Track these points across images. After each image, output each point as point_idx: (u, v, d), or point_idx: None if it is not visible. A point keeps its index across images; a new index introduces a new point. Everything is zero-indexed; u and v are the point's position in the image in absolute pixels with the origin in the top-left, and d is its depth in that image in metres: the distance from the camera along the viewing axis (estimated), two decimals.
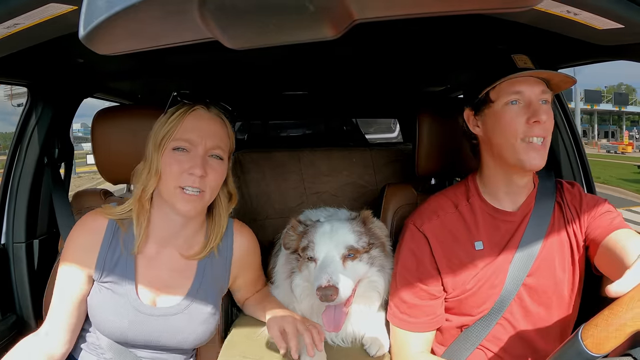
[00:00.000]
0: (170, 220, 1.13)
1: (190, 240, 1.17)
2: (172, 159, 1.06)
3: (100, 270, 1.09)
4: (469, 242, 1.14)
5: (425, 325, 1.14)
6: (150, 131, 1.11)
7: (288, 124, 4.28)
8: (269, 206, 2.06)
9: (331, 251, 1.10)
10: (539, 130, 1.04)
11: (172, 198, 1.06)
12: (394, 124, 4.60)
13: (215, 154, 1.09)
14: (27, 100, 1.48)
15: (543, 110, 1.04)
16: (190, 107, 1.10)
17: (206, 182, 1.07)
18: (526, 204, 1.15)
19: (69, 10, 0.74)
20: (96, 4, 0.37)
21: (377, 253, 1.17)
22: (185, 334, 1.11)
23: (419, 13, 0.36)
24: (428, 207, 1.20)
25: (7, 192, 1.46)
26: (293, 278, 1.20)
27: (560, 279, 1.12)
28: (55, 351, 1.09)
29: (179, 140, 1.07)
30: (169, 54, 1.40)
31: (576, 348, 0.66)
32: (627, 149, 29.49)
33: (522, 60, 1.06)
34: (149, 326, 1.09)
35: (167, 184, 1.06)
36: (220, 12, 0.35)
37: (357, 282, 1.13)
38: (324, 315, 1.07)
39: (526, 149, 1.05)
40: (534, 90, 1.05)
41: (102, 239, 1.11)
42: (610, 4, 0.76)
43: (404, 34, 1.36)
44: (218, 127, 1.12)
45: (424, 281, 1.14)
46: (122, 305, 1.08)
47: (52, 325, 1.09)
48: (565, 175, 1.54)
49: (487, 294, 1.12)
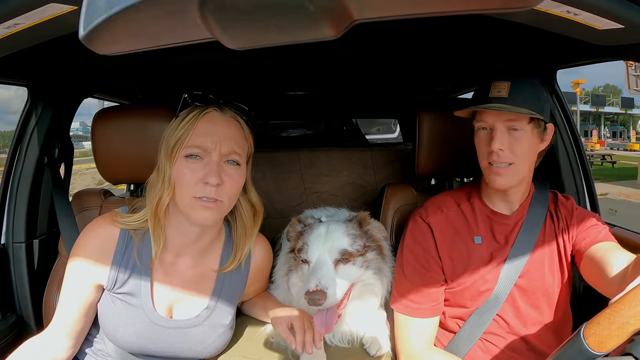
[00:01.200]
0: (185, 230, 1.07)
1: (206, 249, 1.12)
2: (185, 167, 0.99)
3: (113, 281, 1.05)
4: (469, 236, 1.22)
5: (428, 311, 1.20)
6: (161, 138, 1.05)
7: (288, 124, 4.28)
8: (269, 206, 2.05)
9: (323, 255, 1.09)
10: (496, 157, 1.12)
11: (188, 209, 1.00)
12: (394, 124, 4.60)
13: (232, 160, 1.03)
14: (27, 100, 1.48)
15: (503, 139, 1.12)
16: (202, 109, 1.03)
17: (223, 191, 1.00)
18: (520, 210, 1.23)
19: (69, 10, 0.74)
20: (96, 4, 0.37)
21: (373, 256, 1.16)
22: (205, 345, 1.08)
23: (419, 13, 0.36)
24: (432, 203, 1.30)
25: (7, 192, 1.45)
26: (290, 276, 1.20)
27: (550, 283, 1.19)
28: (60, 355, 1.07)
29: (191, 147, 1.00)
30: (169, 54, 1.40)
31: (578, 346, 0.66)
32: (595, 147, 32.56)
33: (497, 89, 1.13)
34: (166, 338, 1.06)
35: (182, 195, 1.00)
36: (221, 12, 0.35)
37: (352, 284, 1.12)
38: (316, 316, 1.07)
39: (489, 172, 1.16)
40: (499, 119, 1.13)
41: (114, 248, 1.05)
42: (610, 4, 0.75)
43: (404, 34, 1.36)
44: (233, 130, 1.04)
45: (429, 267, 1.22)
46: (137, 316, 1.04)
47: (57, 329, 1.06)
48: (565, 177, 1.54)
49: (480, 290, 1.19)
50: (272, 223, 1.97)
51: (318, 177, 2.10)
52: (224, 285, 1.13)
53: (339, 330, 1.19)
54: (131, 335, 1.04)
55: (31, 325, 1.41)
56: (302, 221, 1.24)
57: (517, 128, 1.13)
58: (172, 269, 1.09)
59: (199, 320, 1.08)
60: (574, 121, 1.59)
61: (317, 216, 1.28)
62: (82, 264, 1.05)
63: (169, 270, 1.08)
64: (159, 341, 1.05)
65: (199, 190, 0.98)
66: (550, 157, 1.53)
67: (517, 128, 1.13)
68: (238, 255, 1.13)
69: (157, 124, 1.30)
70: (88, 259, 1.05)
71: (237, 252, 1.13)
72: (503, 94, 1.12)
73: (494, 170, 1.14)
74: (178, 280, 1.09)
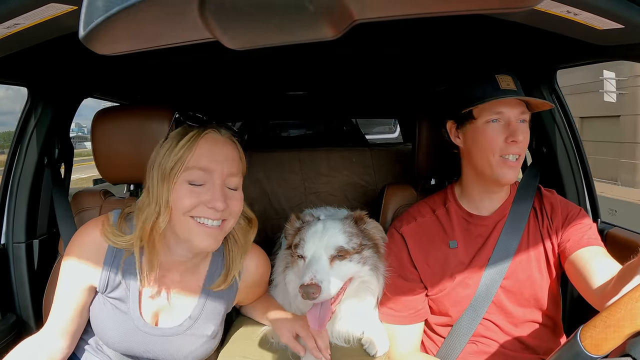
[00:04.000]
0: (177, 252, 1.06)
1: (194, 266, 1.12)
2: (187, 191, 0.96)
3: (104, 285, 1.06)
4: (444, 242, 1.23)
5: (407, 319, 1.22)
6: (151, 161, 1.02)
7: (288, 124, 4.29)
8: (269, 206, 2.06)
9: (319, 250, 1.10)
10: (515, 148, 1.12)
11: (187, 233, 0.97)
12: (394, 124, 4.60)
13: (233, 186, 1.01)
14: (27, 101, 1.48)
15: (521, 130, 1.12)
16: (201, 130, 1.00)
17: (228, 212, 0.99)
18: (501, 209, 1.22)
19: (69, 10, 0.74)
20: (96, 4, 0.37)
21: (369, 254, 1.16)
22: (185, 353, 1.09)
23: (419, 13, 0.36)
24: (408, 213, 1.31)
25: (7, 192, 1.45)
26: (287, 273, 1.21)
27: (538, 281, 1.18)
28: (56, 354, 1.08)
29: (194, 168, 0.96)
30: (170, 54, 1.40)
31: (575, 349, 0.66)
32: None
33: (506, 81, 1.13)
34: (149, 344, 1.08)
35: (177, 216, 0.97)
36: (221, 12, 0.35)
37: (348, 281, 1.13)
38: (309, 312, 1.07)
39: (502, 165, 1.13)
40: (514, 111, 1.13)
41: (105, 253, 1.05)
42: (610, 4, 0.75)
43: (404, 34, 1.36)
44: (233, 152, 1.03)
45: (405, 277, 1.23)
46: (124, 321, 1.06)
47: (53, 329, 1.08)
48: (565, 177, 1.54)
49: (461, 295, 1.18)
50: (272, 223, 1.98)
51: (318, 177, 2.10)
52: (208, 298, 1.12)
53: (336, 329, 1.19)
54: (118, 336, 1.06)
55: (31, 325, 1.41)
56: (300, 218, 1.25)
57: (526, 120, 1.14)
58: (160, 281, 1.08)
59: (182, 329, 1.09)
60: (574, 121, 1.59)
61: (316, 215, 1.29)
62: (75, 266, 1.05)
63: (156, 282, 1.08)
64: (143, 345, 1.08)
65: (199, 211, 0.96)
66: (550, 157, 1.53)
67: (526, 120, 1.14)
68: (230, 276, 1.11)
69: (157, 124, 1.30)
70: (82, 261, 1.05)
71: (230, 272, 1.11)
72: (512, 87, 1.13)
73: (508, 164, 1.12)
74: (164, 292, 1.10)
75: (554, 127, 1.51)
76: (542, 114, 1.47)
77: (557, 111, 1.53)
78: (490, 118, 1.14)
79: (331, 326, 1.18)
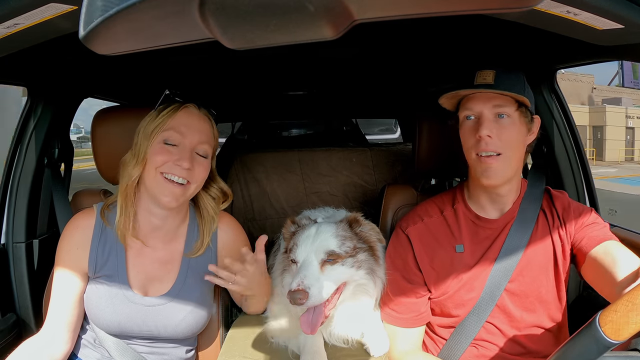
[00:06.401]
0: (152, 214, 1.17)
1: (172, 232, 1.21)
2: (161, 149, 1.10)
3: (94, 266, 1.14)
4: (451, 245, 1.19)
5: (409, 322, 1.20)
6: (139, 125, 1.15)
7: (288, 123, 4.28)
8: (269, 206, 2.06)
9: (310, 255, 1.09)
10: (484, 145, 1.07)
11: (155, 187, 1.10)
12: (395, 125, 4.59)
13: (202, 152, 1.15)
14: (27, 101, 1.48)
15: (493, 126, 1.07)
16: (181, 104, 1.16)
17: (193, 175, 1.12)
18: (510, 211, 1.18)
19: (69, 10, 0.74)
20: (96, 4, 0.37)
21: (364, 257, 1.15)
22: (175, 322, 1.15)
23: (419, 13, 0.36)
24: (415, 212, 1.27)
25: (7, 192, 1.45)
26: (284, 276, 1.21)
27: (544, 285, 1.15)
28: (57, 351, 1.10)
29: (170, 130, 1.11)
30: (170, 54, 1.40)
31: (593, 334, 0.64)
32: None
33: (483, 76, 1.09)
34: (141, 316, 1.13)
35: (150, 171, 1.10)
36: (221, 12, 0.35)
37: (342, 285, 1.12)
38: (302, 316, 1.07)
39: (479, 163, 1.10)
40: (486, 105, 1.09)
41: (92, 235, 1.16)
42: (610, 4, 0.75)
43: (404, 34, 1.36)
44: (207, 126, 1.18)
45: (409, 279, 1.20)
46: (115, 295, 1.13)
47: (52, 325, 1.11)
48: (565, 176, 1.54)
49: (465, 298, 1.15)
50: (272, 223, 1.98)
51: (318, 177, 2.10)
52: (189, 266, 1.20)
53: (334, 332, 1.18)
54: (111, 314, 1.12)
55: (31, 325, 1.41)
56: (296, 222, 1.24)
57: (505, 114, 1.08)
58: (143, 252, 1.18)
59: (169, 298, 1.16)
60: (573, 121, 1.59)
61: (314, 217, 1.28)
62: (67, 256, 1.15)
63: (140, 253, 1.18)
64: (137, 320, 1.13)
65: (168, 167, 1.09)
66: (550, 157, 1.53)
67: (505, 114, 1.08)
68: (205, 240, 1.22)
69: None
70: (72, 250, 1.15)
71: (205, 238, 1.22)
72: (489, 81, 1.08)
73: (483, 161, 1.08)
74: (148, 262, 1.18)
75: (554, 127, 1.51)
76: (542, 114, 1.46)
77: (557, 111, 1.53)
78: (465, 115, 1.12)
79: (328, 329, 1.17)
